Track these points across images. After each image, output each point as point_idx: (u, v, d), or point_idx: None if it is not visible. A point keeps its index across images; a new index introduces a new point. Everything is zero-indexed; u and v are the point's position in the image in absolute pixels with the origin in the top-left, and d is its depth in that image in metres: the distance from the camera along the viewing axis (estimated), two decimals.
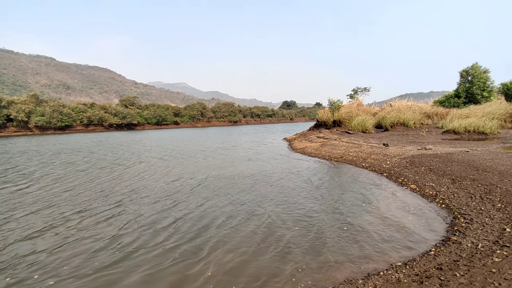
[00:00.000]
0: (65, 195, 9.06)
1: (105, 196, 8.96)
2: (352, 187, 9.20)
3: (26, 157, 18.81)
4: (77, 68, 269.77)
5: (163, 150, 22.26)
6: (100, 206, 7.89)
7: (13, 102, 53.98)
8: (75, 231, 6.18)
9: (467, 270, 3.78)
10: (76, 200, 8.55)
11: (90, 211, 7.47)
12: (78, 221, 6.74)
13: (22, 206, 8.00)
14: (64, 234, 6.03)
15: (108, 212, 7.40)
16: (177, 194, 9.03)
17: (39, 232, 6.15)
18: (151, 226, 6.38)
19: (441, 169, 9.33)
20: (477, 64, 26.68)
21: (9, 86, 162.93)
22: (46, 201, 8.42)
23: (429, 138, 17.88)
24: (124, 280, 4.36)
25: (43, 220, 6.84)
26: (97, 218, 6.94)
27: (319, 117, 27.84)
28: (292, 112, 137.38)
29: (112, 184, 10.64)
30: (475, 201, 6.50)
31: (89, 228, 6.33)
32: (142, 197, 8.72)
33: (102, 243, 5.59)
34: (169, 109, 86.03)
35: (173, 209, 7.53)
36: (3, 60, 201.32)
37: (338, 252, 4.96)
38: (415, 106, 27.32)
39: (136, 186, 10.17)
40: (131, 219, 6.82)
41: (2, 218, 7.08)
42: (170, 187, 9.99)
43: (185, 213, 7.18)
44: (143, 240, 5.71)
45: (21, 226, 6.51)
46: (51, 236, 5.95)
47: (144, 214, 7.16)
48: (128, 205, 7.93)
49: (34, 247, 5.49)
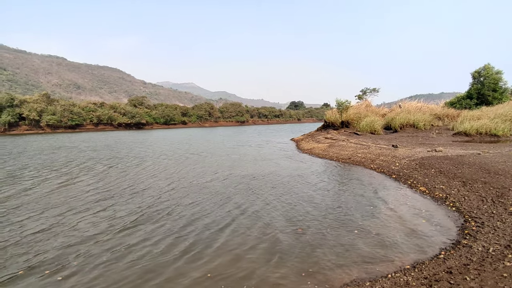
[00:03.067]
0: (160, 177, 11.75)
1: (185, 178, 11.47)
2: (361, 188, 9.13)
3: (76, 151, 20.94)
4: (87, 68, 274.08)
5: (193, 147, 23.75)
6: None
7: (25, 101, 55.15)
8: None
9: (477, 274, 3.72)
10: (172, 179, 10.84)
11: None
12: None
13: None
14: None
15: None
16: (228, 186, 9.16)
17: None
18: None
19: (452, 171, 9.18)
20: (489, 65, 26.17)
21: (21, 86, 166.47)
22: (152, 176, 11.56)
23: (439, 140, 17.61)
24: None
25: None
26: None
27: (327, 118, 27.69)
28: (300, 112, 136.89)
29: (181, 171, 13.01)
30: (486, 204, 6.38)
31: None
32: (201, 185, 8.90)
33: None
34: (177, 109, 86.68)
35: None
36: (16, 60, 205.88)
37: (345, 254, 4.93)
38: (425, 107, 26.92)
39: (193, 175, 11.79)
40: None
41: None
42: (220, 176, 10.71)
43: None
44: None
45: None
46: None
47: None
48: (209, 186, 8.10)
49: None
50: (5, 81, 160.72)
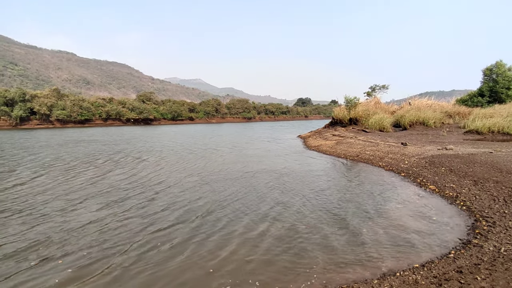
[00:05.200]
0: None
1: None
2: (368, 186, 9.06)
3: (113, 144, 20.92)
4: (96, 63, 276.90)
5: (213, 142, 24.53)
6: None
7: (36, 96, 56.04)
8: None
9: (488, 274, 3.67)
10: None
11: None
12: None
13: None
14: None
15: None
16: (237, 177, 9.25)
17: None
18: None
19: (463, 170, 9.04)
20: (502, 61, 25.54)
21: (32, 81, 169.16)
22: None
23: (450, 138, 17.32)
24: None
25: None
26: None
27: (335, 115, 27.44)
28: (307, 109, 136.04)
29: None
30: (498, 204, 6.27)
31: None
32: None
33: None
34: (185, 105, 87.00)
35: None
36: (28, 56, 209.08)
37: (353, 251, 4.92)
38: (435, 104, 26.42)
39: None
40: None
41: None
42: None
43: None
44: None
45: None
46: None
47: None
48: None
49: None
50: (16, 76, 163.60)
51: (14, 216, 6.69)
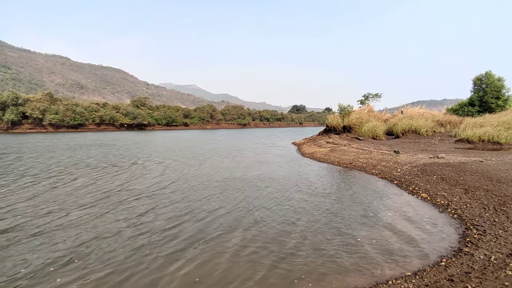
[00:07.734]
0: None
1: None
2: (362, 194, 9.11)
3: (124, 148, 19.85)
4: (91, 68, 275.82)
5: (214, 148, 24.66)
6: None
7: (29, 100, 55.47)
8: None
9: (479, 283, 3.70)
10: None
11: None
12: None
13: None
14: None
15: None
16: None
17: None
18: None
19: (454, 178, 9.16)
20: (491, 72, 26.16)
21: (25, 85, 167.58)
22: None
23: (441, 146, 17.57)
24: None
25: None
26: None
27: (329, 122, 27.69)
28: (302, 116, 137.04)
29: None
30: (488, 212, 6.35)
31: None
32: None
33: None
34: (179, 111, 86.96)
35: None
36: (21, 59, 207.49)
37: (345, 261, 4.91)
38: (427, 113, 26.89)
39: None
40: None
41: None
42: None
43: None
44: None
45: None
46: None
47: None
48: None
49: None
50: (9, 80, 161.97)
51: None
